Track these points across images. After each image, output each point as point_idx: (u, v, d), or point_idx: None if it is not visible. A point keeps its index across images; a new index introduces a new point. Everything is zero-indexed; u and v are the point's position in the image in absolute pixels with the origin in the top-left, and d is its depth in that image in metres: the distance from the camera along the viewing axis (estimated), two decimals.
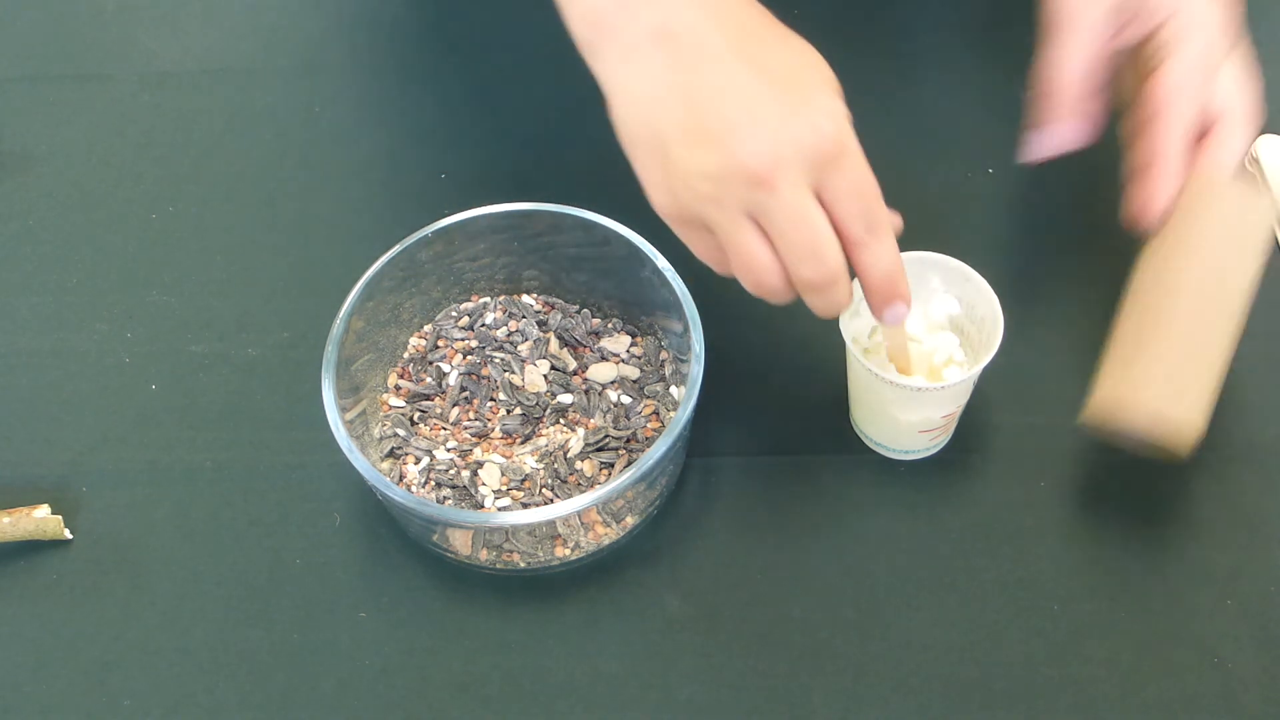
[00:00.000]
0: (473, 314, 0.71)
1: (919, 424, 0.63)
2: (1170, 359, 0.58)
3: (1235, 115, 0.60)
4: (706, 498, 0.66)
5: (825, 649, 0.61)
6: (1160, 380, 0.58)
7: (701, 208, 0.53)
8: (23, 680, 0.62)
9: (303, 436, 0.68)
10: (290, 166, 0.81)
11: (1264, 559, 0.63)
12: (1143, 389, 0.58)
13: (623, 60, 0.54)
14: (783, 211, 0.51)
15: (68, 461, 0.68)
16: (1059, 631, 0.61)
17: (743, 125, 0.51)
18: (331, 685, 0.61)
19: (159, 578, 0.64)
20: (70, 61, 0.87)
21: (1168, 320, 0.59)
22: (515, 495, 0.64)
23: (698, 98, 0.52)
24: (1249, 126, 0.60)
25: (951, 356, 0.63)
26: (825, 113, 0.51)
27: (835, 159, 0.51)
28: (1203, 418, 0.57)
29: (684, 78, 0.52)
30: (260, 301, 0.74)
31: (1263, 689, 0.59)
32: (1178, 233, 0.60)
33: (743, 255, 0.53)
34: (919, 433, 0.64)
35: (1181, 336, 0.58)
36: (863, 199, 0.53)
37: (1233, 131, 0.60)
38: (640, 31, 0.53)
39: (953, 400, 0.62)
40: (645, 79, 0.53)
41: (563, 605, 0.63)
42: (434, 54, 0.86)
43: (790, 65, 0.53)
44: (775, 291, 0.55)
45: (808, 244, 0.52)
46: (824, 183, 0.52)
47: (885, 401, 0.62)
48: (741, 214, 0.52)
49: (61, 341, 0.73)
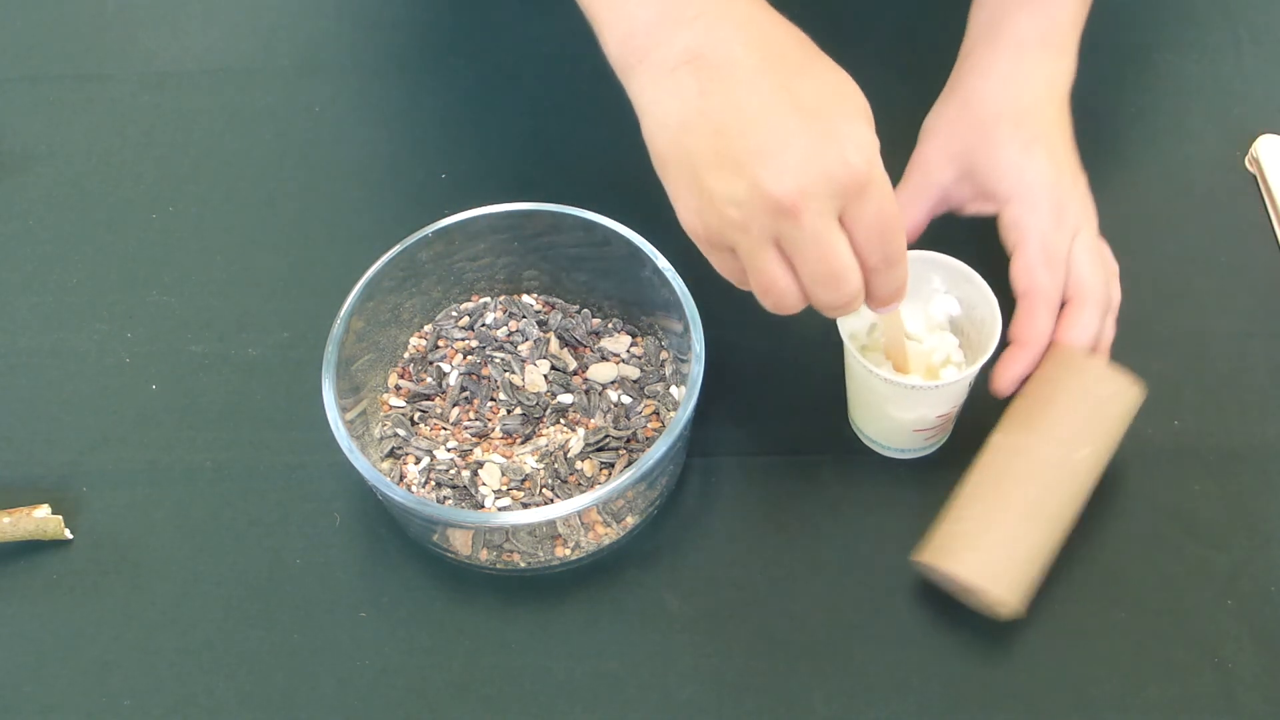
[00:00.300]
0: (473, 314, 0.71)
1: (914, 423, 0.63)
2: (1002, 529, 0.59)
3: (1084, 294, 0.62)
4: (706, 498, 0.66)
5: (825, 649, 0.61)
6: (986, 549, 0.58)
7: (728, 232, 0.53)
8: (23, 680, 0.62)
9: (303, 436, 0.68)
10: (290, 166, 0.81)
11: (1264, 559, 0.63)
12: (968, 553, 0.59)
13: (655, 82, 0.54)
14: (807, 241, 0.52)
15: (68, 461, 0.68)
16: (1060, 632, 0.61)
17: (771, 154, 0.51)
18: (331, 685, 0.61)
19: (159, 578, 0.64)
20: (70, 61, 0.87)
21: (1008, 489, 0.60)
22: (515, 495, 0.64)
23: (727, 123, 0.52)
24: (1097, 305, 0.62)
25: (950, 356, 0.63)
26: (854, 143, 0.51)
27: (861, 190, 0.51)
28: (1020, 594, 0.58)
29: (715, 102, 0.52)
30: (260, 301, 0.74)
31: (1263, 689, 0.59)
32: (1033, 401, 0.62)
33: (764, 279, 0.54)
34: (914, 432, 0.64)
35: (1018, 509, 0.59)
36: (884, 232, 0.53)
37: (1080, 310, 0.62)
38: (674, 54, 0.53)
39: (947, 401, 0.62)
40: (677, 101, 0.53)
41: (563, 605, 0.63)
42: (434, 54, 0.86)
43: (822, 93, 0.52)
44: (791, 310, 0.55)
45: (829, 273, 0.53)
46: (848, 211, 0.52)
47: (881, 399, 0.62)
48: (766, 241, 0.52)
49: (61, 341, 0.73)
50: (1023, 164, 0.64)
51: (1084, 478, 0.60)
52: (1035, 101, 0.66)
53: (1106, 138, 0.79)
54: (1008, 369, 0.61)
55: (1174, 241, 0.74)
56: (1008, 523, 0.59)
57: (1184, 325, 0.71)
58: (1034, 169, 0.63)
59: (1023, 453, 0.60)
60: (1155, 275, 0.73)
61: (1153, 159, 0.78)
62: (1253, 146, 0.77)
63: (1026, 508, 0.59)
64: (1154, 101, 0.81)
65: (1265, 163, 0.76)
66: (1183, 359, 0.70)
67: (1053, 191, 0.63)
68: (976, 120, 0.66)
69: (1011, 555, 0.58)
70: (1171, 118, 0.80)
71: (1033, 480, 0.60)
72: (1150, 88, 0.82)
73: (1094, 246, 0.64)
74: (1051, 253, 0.62)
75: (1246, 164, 0.77)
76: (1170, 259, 0.74)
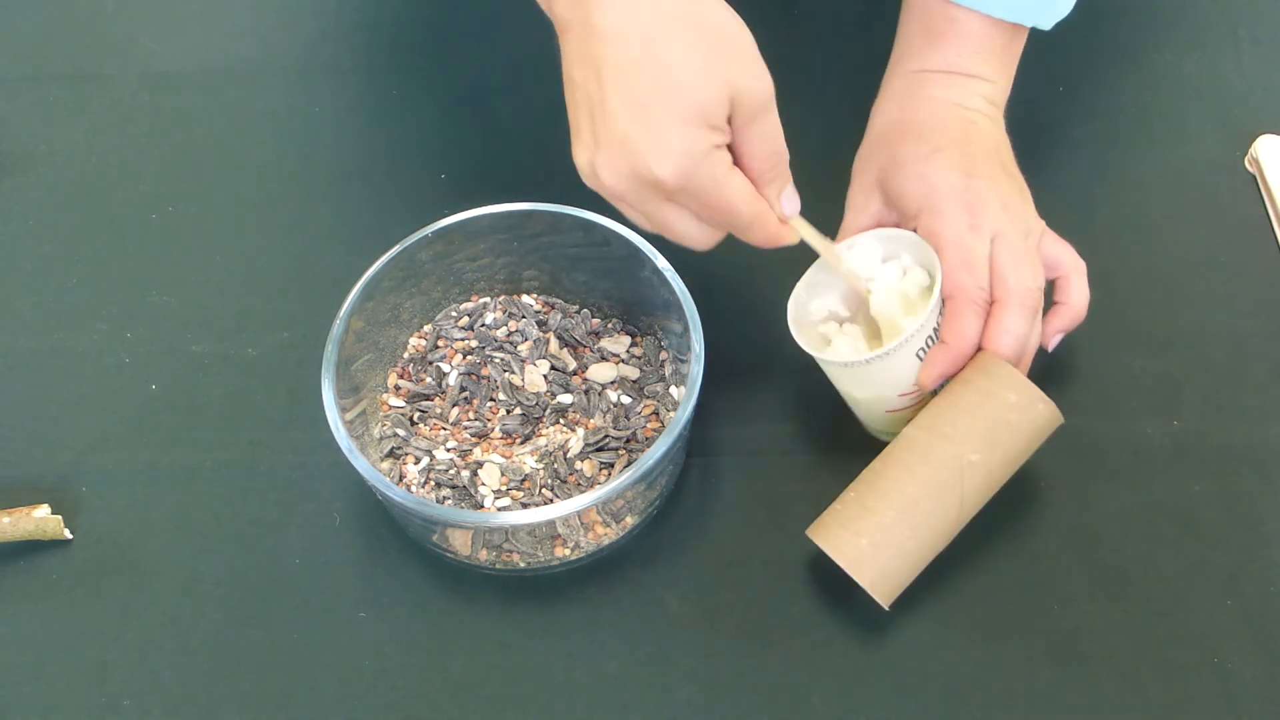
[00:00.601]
0: (473, 314, 0.71)
1: (875, 402, 0.63)
2: (878, 517, 0.59)
3: (1005, 296, 0.61)
4: (706, 498, 0.66)
5: (825, 649, 0.61)
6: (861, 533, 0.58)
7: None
8: (23, 680, 0.62)
9: (303, 436, 0.68)
10: (290, 166, 0.81)
11: (1264, 559, 0.63)
12: (841, 531, 0.59)
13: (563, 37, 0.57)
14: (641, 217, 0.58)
15: (68, 461, 0.68)
16: (1059, 631, 0.61)
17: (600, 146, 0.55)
18: (331, 685, 0.61)
19: (159, 578, 0.64)
20: (70, 61, 0.87)
21: (894, 479, 0.60)
22: (515, 495, 0.64)
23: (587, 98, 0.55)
24: (1021, 308, 0.61)
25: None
26: (659, 152, 0.54)
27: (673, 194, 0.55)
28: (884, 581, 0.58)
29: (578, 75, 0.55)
30: (260, 301, 0.74)
31: (1263, 689, 0.59)
32: (942, 399, 0.61)
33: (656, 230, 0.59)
34: (886, 413, 0.64)
35: (898, 501, 0.59)
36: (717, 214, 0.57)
37: (1001, 313, 0.61)
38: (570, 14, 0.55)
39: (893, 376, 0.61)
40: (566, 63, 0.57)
41: (563, 605, 0.63)
42: (434, 54, 0.86)
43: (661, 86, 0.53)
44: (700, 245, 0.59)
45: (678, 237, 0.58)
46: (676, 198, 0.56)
47: (837, 381, 0.63)
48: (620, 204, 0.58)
49: (61, 341, 0.73)
50: (926, 174, 0.63)
51: (973, 482, 0.59)
52: (935, 117, 0.66)
53: (1106, 138, 0.79)
54: (930, 367, 0.61)
55: (1174, 241, 0.74)
56: (884, 512, 0.59)
57: (1184, 325, 0.71)
58: (938, 177, 0.63)
59: (918, 447, 0.60)
60: (1155, 275, 0.73)
61: (1153, 159, 0.78)
62: (1253, 146, 0.77)
63: (905, 501, 0.59)
64: (1154, 101, 0.81)
65: (1265, 163, 0.76)
66: (1183, 359, 0.70)
67: (961, 196, 0.62)
68: (883, 145, 0.66)
69: (881, 543, 0.58)
70: (1171, 118, 0.80)
71: (918, 476, 0.59)
72: (1150, 88, 0.82)
73: (1019, 248, 0.62)
74: (969, 256, 0.61)
75: (1246, 164, 0.77)
76: (1170, 259, 0.74)
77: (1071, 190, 0.76)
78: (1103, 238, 0.74)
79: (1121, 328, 0.71)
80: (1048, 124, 0.79)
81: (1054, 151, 0.78)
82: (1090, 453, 0.66)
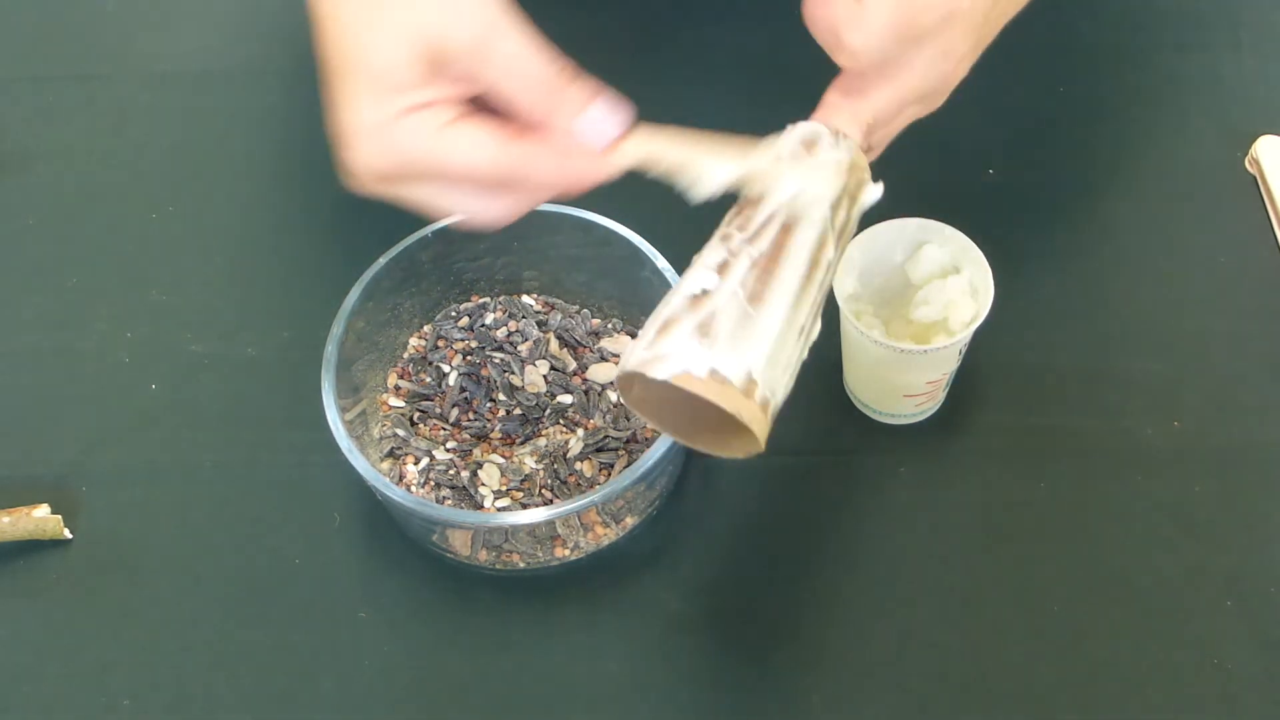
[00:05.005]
0: (473, 314, 0.71)
1: (904, 387, 0.63)
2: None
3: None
4: (706, 498, 0.66)
5: (825, 649, 0.61)
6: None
7: None
8: (23, 680, 0.62)
9: (303, 436, 0.68)
10: (290, 166, 0.81)
11: (1264, 559, 0.63)
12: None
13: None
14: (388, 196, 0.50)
15: (68, 461, 0.68)
16: (1059, 631, 0.61)
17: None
18: (331, 685, 0.61)
19: (159, 578, 0.64)
20: (70, 61, 0.87)
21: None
22: (515, 496, 0.64)
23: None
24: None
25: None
26: (344, 143, 0.48)
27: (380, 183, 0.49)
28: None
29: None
30: (260, 301, 0.74)
31: (1263, 689, 0.59)
32: None
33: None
34: (905, 397, 0.64)
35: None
36: (457, 176, 0.49)
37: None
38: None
39: (938, 366, 0.62)
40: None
41: (563, 605, 0.63)
42: None
43: (359, 46, 0.48)
44: (495, 220, 0.52)
45: (433, 212, 0.51)
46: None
47: (874, 362, 0.63)
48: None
49: (61, 341, 0.73)
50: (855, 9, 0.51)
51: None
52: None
53: (1107, 138, 0.79)
54: None
55: (1174, 241, 0.74)
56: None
57: (1184, 325, 0.71)
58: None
59: None
60: (1155, 275, 0.73)
61: (1153, 159, 0.78)
62: (1253, 147, 0.77)
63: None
64: (1154, 101, 0.81)
65: (1265, 163, 0.76)
66: (1183, 359, 0.70)
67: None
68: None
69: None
70: (1171, 118, 0.80)
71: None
72: (1150, 88, 0.82)
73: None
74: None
75: (1246, 164, 0.77)
76: (1170, 259, 0.74)
77: (1071, 191, 0.76)
78: (1103, 238, 0.74)
79: (1121, 328, 0.71)
80: (1048, 124, 0.79)
81: (1054, 151, 0.78)
82: (1090, 453, 0.66)
